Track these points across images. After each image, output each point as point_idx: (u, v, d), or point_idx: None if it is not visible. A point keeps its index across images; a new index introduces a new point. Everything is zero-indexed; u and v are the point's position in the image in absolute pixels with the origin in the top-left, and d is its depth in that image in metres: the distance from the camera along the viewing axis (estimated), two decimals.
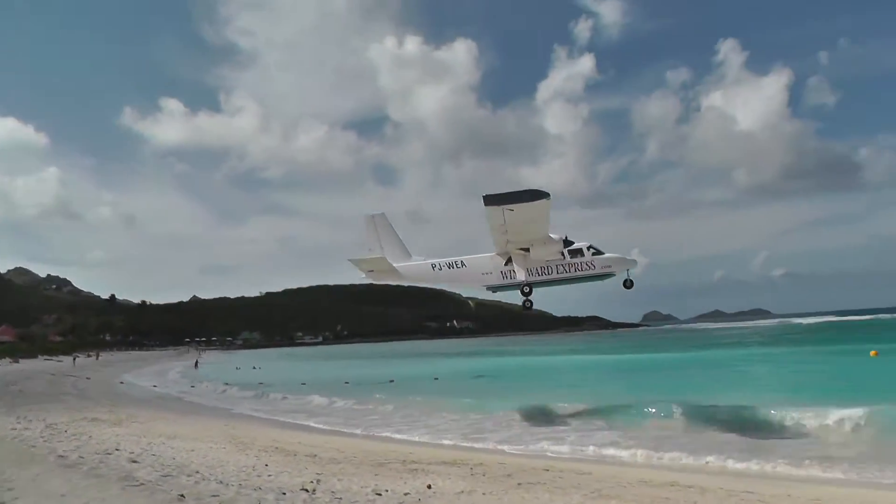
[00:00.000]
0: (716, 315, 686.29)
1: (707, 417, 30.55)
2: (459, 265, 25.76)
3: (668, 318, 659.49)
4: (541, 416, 33.83)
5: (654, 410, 32.59)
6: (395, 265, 25.69)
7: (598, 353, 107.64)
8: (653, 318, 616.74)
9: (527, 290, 25.99)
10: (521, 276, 25.41)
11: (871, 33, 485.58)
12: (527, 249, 25.01)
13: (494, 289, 26.77)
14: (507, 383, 57.96)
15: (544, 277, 25.80)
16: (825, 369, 56.61)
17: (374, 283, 28.57)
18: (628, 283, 26.50)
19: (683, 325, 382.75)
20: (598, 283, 27.69)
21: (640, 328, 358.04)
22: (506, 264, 25.63)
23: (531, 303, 26.42)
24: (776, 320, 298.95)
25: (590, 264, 25.71)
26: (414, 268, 25.98)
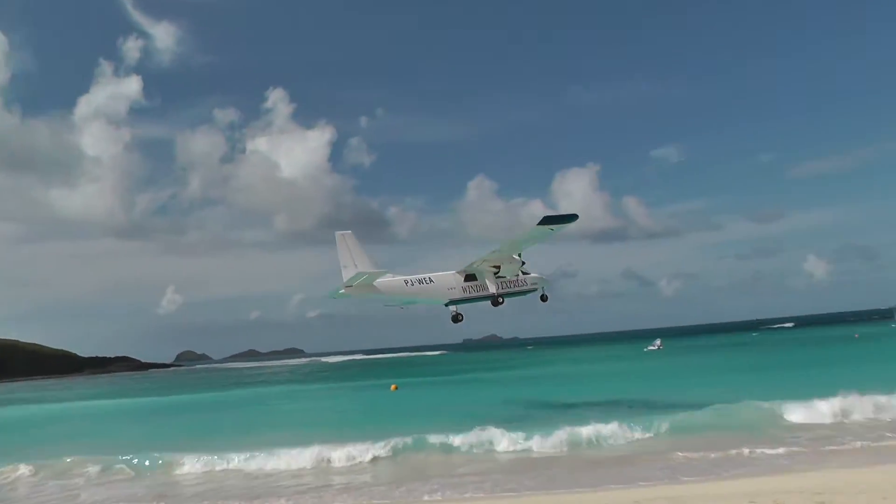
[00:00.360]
0: (250, 354, 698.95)
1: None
2: (428, 281, 27.03)
3: (202, 358, 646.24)
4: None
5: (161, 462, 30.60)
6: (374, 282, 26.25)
7: (124, 396, 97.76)
8: (186, 358, 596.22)
9: (500, 301, 28.20)
10: (492, 289, 27.98)
11: (400, 107, 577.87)
12: (498, 267, 27.82)
13: (455, 303, 28.02)
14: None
15: (506, 290, 28.34)
16: (345, 403, 60.38)
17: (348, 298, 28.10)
18: (544, 298, 29.43)
19: (217, 365, 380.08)
20: (132, 321, 25.66)
21: (172, 368, 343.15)
22: (465, 281, 27.57)
23: (462, 316, 28.27)
24: (307, 359, 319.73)
25: (524, 282, 28.39)
26: (389, 283, 26.62)
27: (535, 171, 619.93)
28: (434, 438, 31.14)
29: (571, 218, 24.21)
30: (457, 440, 30.70)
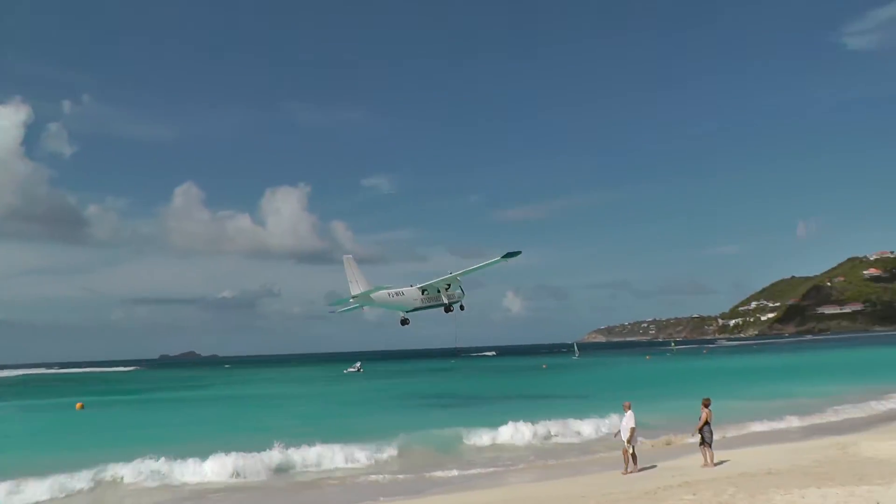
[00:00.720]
0: None
1: None
2: (401, 294, 30.98)
3: None
4: None
5: None
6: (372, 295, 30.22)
7: None
8: None
9: (451, 309, 31.67)
10: (444, 300, 31.65)
11: (110, 97, 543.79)
12: (449, 286, 31.67)
13: (416, 310, 31.55)
14: None
15: (450, 301, 31.79)
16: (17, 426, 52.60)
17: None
18: (462, 307, 32.51)
19: None
20: None
21: None
22: (422, 294, 31.33)
23: (409, 321, 31.51)
24: None
25: (456, 295, 32.04)
26: (379, 295, 30.29)
27: (245, 184, 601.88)
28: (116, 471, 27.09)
29: (519, 252, 28.49)
30: (125, 471, 27.04)
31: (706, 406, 21.64)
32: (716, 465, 21.66)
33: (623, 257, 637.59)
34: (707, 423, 21.51)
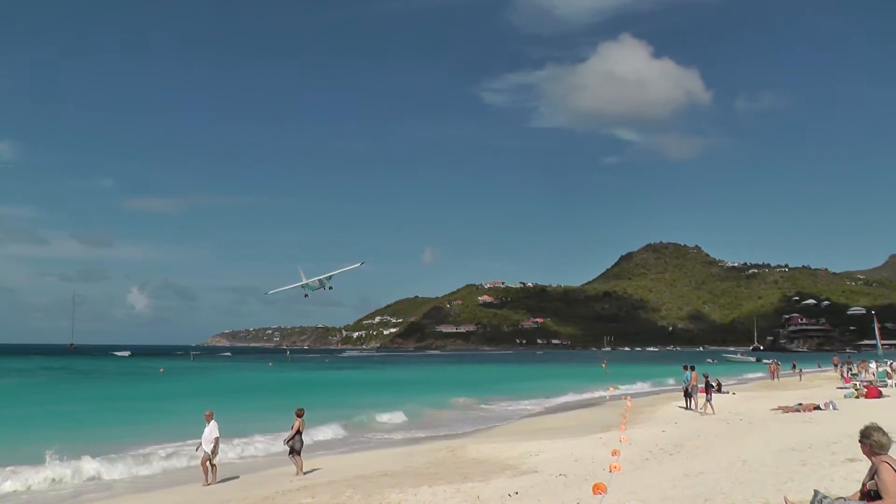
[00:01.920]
0: None
1: None
2: (317, 281, 42.08)
3: None
4: None
5: None
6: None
7: None
8: None
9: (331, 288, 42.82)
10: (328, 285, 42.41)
11: None
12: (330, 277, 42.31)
13: (314, 290, 42.41)
14: None
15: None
16: None
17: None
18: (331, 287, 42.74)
19: None
20: None
21: None
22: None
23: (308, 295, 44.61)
24: None
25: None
26: (313, 281, 41.91)
27: None
28: None
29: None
30: None
31: (299, 416, 21.00)
32: (305, 473, 20.87)
33: (252, 262, 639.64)
34: (299, 432, 20.89)
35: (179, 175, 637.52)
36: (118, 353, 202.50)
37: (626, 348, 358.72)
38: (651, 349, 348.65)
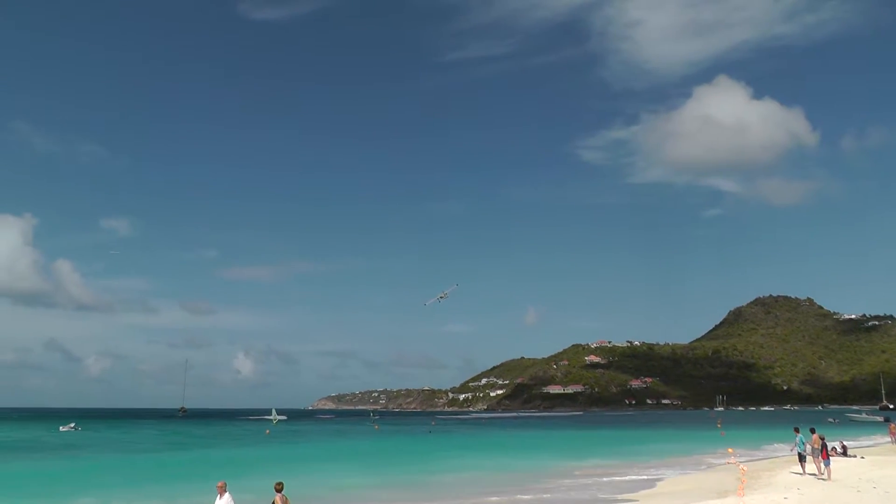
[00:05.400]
0: None
1: None
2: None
3: None
4: None
5: None
6: None
7: None
8: None
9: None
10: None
11: None
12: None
13: None
14: None
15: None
16: None
17: None
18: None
19: None
20: None
21: None
22: None
23: None
24: None
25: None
26: None
27: None
28: None
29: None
30: None
31: (279, 491, 18.23)
32: None
33: (351, 327, 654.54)
34: None
35: (275, 242, 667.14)
36: (267, 417, 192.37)
37: (740, 408, 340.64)
38: (766, 408, 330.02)
